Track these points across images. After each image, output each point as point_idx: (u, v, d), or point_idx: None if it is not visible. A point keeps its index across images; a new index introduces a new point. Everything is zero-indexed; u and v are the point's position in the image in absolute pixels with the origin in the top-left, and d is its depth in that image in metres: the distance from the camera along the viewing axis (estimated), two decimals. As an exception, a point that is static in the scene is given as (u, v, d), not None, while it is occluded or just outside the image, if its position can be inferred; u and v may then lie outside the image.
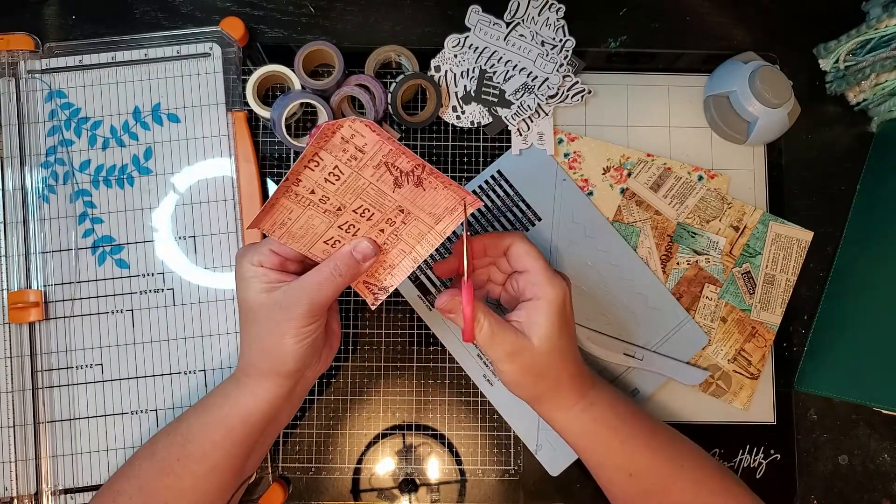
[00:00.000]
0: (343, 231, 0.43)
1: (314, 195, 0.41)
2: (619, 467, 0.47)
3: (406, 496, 0.56)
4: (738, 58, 0.58)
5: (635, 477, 0.47)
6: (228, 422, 0.45)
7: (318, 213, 0.42)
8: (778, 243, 0.58)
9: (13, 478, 0.53)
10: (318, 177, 0.41)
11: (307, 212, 0.42)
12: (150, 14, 0.59)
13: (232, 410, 0.45)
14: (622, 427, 0.48)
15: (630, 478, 0.47)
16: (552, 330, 0.44)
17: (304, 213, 0.42)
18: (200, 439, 0.45)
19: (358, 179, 0.41)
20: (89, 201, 0.56)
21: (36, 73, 0.56)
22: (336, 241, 0.44)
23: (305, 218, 0.42)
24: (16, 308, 0.54)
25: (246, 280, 0.43)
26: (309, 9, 0.60)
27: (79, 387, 0.55)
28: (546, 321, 0.44)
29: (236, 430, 0.45)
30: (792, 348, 0.59)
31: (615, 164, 0.59)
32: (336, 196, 0.42)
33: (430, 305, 0.57)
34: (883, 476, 0.58)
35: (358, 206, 0.42)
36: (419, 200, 0.42)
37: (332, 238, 0.44)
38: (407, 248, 0.45)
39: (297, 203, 0.42)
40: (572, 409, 0.47)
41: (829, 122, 0.61)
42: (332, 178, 0.41)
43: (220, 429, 0.45)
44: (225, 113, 0.57)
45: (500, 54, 0.58)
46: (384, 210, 0.43)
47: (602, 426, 0.47)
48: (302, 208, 0.42)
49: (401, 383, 0.57)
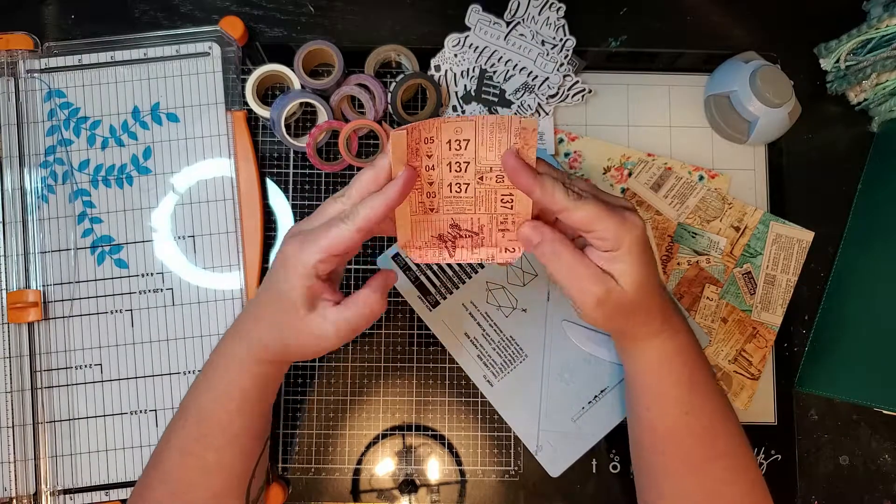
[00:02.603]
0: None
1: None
2: (680, 403, 0.46)
3: (406, 497, 0.55)
4: (739, 57, 0.58)
5: (690, 416, 0.46)
6: (240, 385, 0.45)
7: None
8: (779, 243, 0.58)
9: (12, 478, 0.53)
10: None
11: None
12: (149, 13, 0.59)
13: (242, 375, 0.45)
14: (696, 360, 0.47)
15: (685, 416, 0.46)
16: (640, 271, 0.42)
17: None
18: (216, 412, 0.45)
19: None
20: (88, 201, 0.56)
21: (35, 73, 0.56)
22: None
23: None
24: (15, 308, 0.54)
25: (292, 279, 0.41)
26: (309, 8, 0.60)
27: (78, 387, 0.55)
28: (631, 267, 0.42)
29: (249, 393, 0.45)
30: (793, 349, 0.58)
31: (616, 164, 0.58)
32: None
33: (431, 305, 0.57)
34: (884, 477, 0.58)
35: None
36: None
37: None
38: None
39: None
40: (658, 336, 0.46)
41: (829, 122, 0.61)
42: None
43: (233, 395, 0.45)
44: (224, 112, 0.57)
45: (500, 54, 0.58)
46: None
47: (682, 355, 0.46)
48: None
49: (401, 383, 0.57)
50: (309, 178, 0.58)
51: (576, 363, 0.56)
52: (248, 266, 0.56)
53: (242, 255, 0.56)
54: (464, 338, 0.57)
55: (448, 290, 0.57)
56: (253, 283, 0.55)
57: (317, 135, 0.55)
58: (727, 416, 0.48)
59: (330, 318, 0.42)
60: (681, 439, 0.47)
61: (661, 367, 0.47)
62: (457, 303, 0.57)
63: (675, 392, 0.46)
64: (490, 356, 0.56)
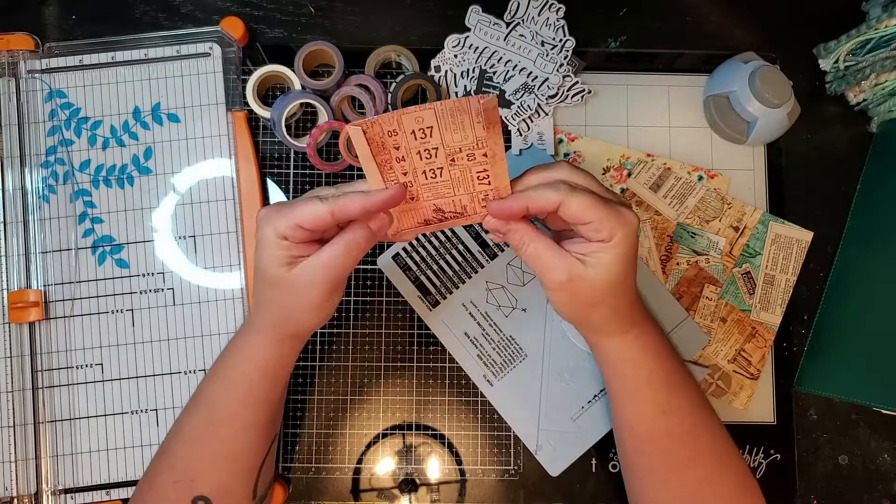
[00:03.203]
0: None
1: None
2: (655, 401, 0.46)
3: (406, 496, 0.56)
4: (738, 58, 0.58)
5: (667, 415, 0.46)
6: (248, 377, 0.46)
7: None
8: (778, 243, 0.58)
9: (13, 478, 0.53)
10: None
11: None
12: (150, 14, 0.59)
13: (250, 366, 0.46)
14: (669, 361, 0.47)
15: (662, 415, 0.46)
16: (618, 269, 0.42)
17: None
18: (225, 402, 0.46)
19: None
20: (89, 201, 0.56)
21: (36, 73, 0.56)
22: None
23: None
24: (16, 308, 0.54)
25: (266, 252, 0.42)
26: (309, 9, 0.60)
27: (79, 386, 0.55)
28: (613, 261, 0.41)
29: (256, 384, 0.46)
30: (792, 348, 0.59)
31: (615, 164, 0.59)
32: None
33: (431, 305, 0.57)
34: (883, 476, 0.58)
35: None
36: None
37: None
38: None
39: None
40: (626, 335, 0.46)
41: (829, 122, 0.61)
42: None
43: (242, 385, 0.46)
44: (225, 113, 0.57)
45: (500, 54, 0.58)
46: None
47: (651, 354, 0.46)
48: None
49: (401, 383, 0.57)
50: (309, 179, 0.58)
51: (576, 363, 0.56)
52: (249, 266, 0.56)
53: (243, 254, 0.56)
54: (464, 338, 0.57)
55: (448, 290, 0.57)
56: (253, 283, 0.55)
57: (317, 135, 0.55)
58: (707, 416, 0.48)
59: (311, 263, 0.42)
60: (660, 439, 0.47)
61: (632, 363, 0.47)
62: (457, 303, 0.57)
63: (650, 391, 0.47)
64: (490, 356, 0.56)
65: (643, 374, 0.46)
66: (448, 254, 0.57)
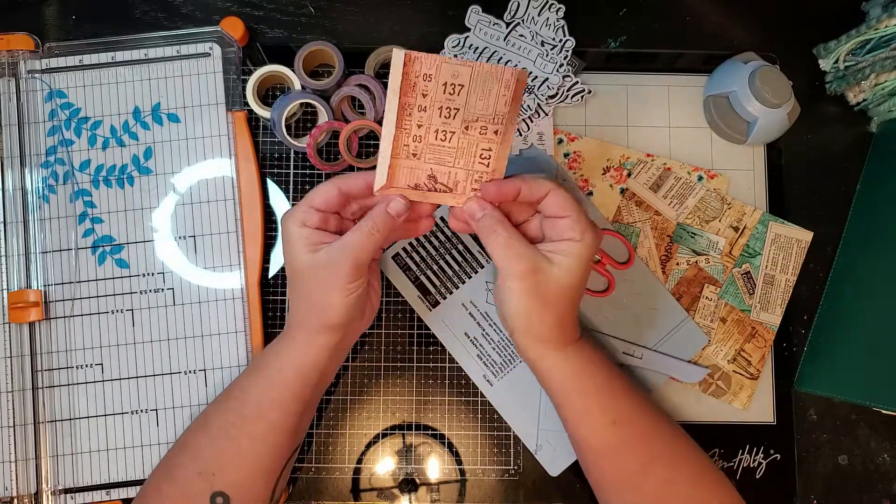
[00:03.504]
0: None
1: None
2: (604, 413, 0.47)
3: (406, 496, 0.56)
4: (738, 58, 0.58)
5: (618, 425, 0.47)
6: (283, 375, 0.47)
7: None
8: (778, 243, 0.58)
9: (13, 478, 0.53)
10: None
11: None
12: (150, 14, 0.59)
13: (286, 365, 0.47)
14: (613, 372, 0.49)
15: (613, 426, 0.47)
16: (577, 273, 0.45)
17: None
18: (257, 399, 0.47)
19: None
20: (89, 201, 0.56)
21: (36, 73, 0.56)
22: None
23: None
24: (16, 308, 0.54)
25: (292, 242, 0.45)
26: (309, 9, 0.60)
27: (79, 386, 0.55)
28: (577, 261, 0.44)
29: (291, 384, 0.47)
30: (792, 348, 0.59)
31: (615, 165, 0.59)
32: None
33: (431, 305, 0.57)
34: (883, 476, 0.58)
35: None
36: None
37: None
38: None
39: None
40: (566, 349, 0.47)
41: (828, 122, 0.61)
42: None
43: (276, 384, 0.47)
44: (225, 113, 0.57)
45: (500, 54, 0.58)
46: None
47: (593, 366, 0.48)
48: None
49: (401, 383, 0.57)
50: (309, 179, 0.58)
51: (575, 363, 0.56)
52: (249, 266, 0.56)
53: (243, 254, 0.56)
54: (464, 338, 0.57)
55: (448, 290, 0.57)
56: (253, 283, 0.55)
57: (317, 135, 0.55)
58: (657, 418, 0.49)
59: (332, 246, 0.44)
60: (615, 450, 0.48)
61: (576, 377, 0.47)
62: (457, 303, 0.57)
63: (596, 403, 0.47)
64: (490, 356, 0.56)
65: (588, 386, 0.47)
66: (448, 254, 0.57)
